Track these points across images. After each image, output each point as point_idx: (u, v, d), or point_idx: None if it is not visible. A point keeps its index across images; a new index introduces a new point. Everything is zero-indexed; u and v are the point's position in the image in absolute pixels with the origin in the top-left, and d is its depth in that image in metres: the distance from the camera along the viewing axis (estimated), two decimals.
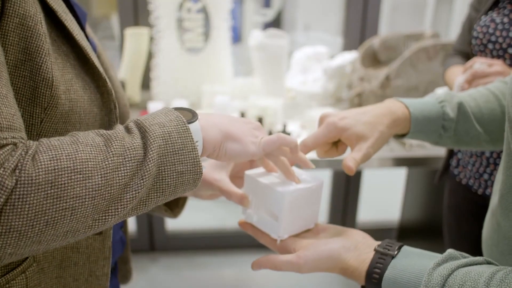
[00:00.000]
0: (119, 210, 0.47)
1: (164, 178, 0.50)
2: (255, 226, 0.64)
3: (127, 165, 0.47)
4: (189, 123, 0.53)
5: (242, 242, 2.34)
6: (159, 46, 1.82)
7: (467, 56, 1.24)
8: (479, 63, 1.02)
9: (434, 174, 1.49)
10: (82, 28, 0.63)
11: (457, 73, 1.23)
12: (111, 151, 0.46)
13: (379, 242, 0.56)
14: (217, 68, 1.90)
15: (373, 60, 1.86)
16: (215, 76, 1.90)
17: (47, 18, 0.54)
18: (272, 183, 0.61)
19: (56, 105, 0.52)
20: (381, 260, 0.53)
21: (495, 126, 0.70)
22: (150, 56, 1.92)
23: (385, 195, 2.98)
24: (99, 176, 0.44)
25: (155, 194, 0.50)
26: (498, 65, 1.00)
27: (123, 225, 0.81)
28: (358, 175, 2.30)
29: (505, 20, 1.06)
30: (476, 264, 0.49)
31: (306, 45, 2.03)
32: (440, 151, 1.52)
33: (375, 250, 0.54)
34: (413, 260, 0.51)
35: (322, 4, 4.90)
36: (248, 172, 0.64)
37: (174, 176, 0.51)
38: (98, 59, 0.65)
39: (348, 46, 2.08)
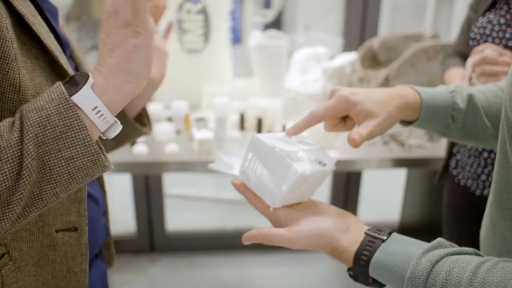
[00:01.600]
0: (7, 214, 0.45)
1: (51, 168, 0.46)
2: (249, 188, 0.64)
3: (4, 167, 0.44)
4: (75, 92, 0.47)
5: (242, 242, 2.34)
6: None
7: (466, 57, 1.24)
8: (491, 49, 1.02)
9: (433, 175, 1.50)
10: (52, 26, 0.63)
11: (456, 74, 1.23)
12: None
13: (370, 227, 0.57)
14: (216, 69, 1.90)
15: (372, 60, 1.87)
16: (214, 77, 1.90)
17: (16, 21, 0.54)
18: (286, 155, 0.61)
19: None
20: (370, 243, 0.53)
21: None
22: None
23: (385, 196, 2.98)
24: None
25: (49, 186, 0.47)
26: (508, 56, 1.00)
27: (105, 211, 0.81)
28: (358, 175, 2.30)
29: (502, 21, 1.06)
30: (464, 254, 0.50)
31: (306, 46, 2.03)
32: (439, 152, 1.52)
33: (365, 233, 0.55)
34: (402, 245, 0.52)
35: (322, 5, 4.90)
36: (258, 136, 0.62)
37: (63, 164, 0.47)
38: (70, 56, 0.67)
39: (348, 46, 2.08)
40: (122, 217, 2.48)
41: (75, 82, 0.49)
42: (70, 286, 0.63)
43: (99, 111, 0.49)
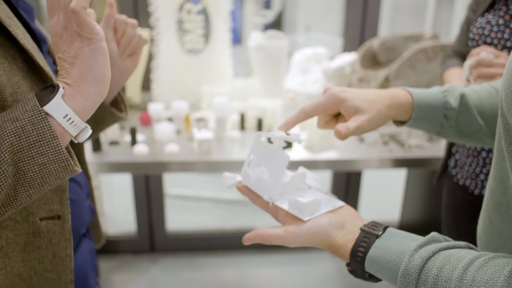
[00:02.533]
0: None
1: (25, 173, 0.51)
2: (250, 189, 0.67)
3: None
4: (47, 103, 0.52)
5: (242, 243, 2.34)
6: (159, 47, 1.82)
7: (465, 57, 1.25)
8: (487, 52, 1.03)
9: (433, 175, 1.50)
10: (27, 24, 0.67)
11: (456, 75, 1.23)
12: None
13: (366, 222, 0.57)
14: (217, 69, 1.90)
15: (372, 61, 1.87)
16: (215, 77, 1.90)
17: None
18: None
19: (2, 108, 0.55)
20: (365, 239, 0.54)
21: (496, 121, 0.71)
22: (150, 57, 1.92)
23: (385, 196, 2.98)
24: None
25: (23, 188, 0.52)
26: (504, 57, 1.01)
27: (90, 193, 0.87)
28: (358, 175, 2.30)
29: (500, 21, 1.06)
30: (458, 248, 0.50)
31: (306, 46, 2.03)
32: (438, 152, 1.53)
33: (361, 229, 0.56)
34: (396, 241, 0.52)
35: (322, 5, 4.90)
36: (258, 133, 0.66)
37: (36, 169, 0.52)
38: (48, 52, 0.72)
39: (348, 47, 2.08)
40: (122, 217, 2.49)
41: (46, 93, 0.53)
42: (56, 270, 0.67)
43: (69, 118, 0.53)
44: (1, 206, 0.51)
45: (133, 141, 1.49)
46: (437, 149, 1.56)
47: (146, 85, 1.99)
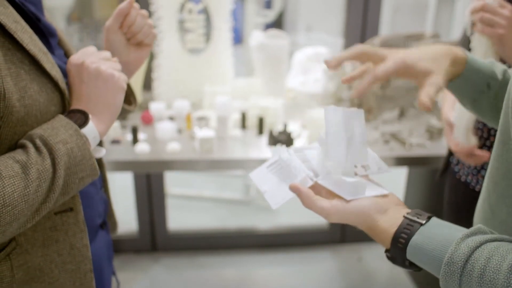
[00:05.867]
0: (36, 218, 0.59)
1: (69, 184, 0.61)
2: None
3: (43, 186, 0.57)
4: (83, 127, 0.64)
5: (243, 242, 2.35)
6: (160, 47, 1.83)
7: None
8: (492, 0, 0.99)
9: (434, 173, 1.50)
10: (35, 18, 0.68)
11: None
12: (30, 178, 0.56)
13: (409, 211, 0.57)
14: (218, 68, 1.91)
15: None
16: (216, 76, 1.91)
17: None
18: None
19: (11, 113, 0.58)
20: (409, 226, 0.53)
21: None
22: (151, 57, 1.93)
23: None
24: (23, 202, 0.55)
25: (61, 197, 0.61)
26: (508, 10, 0.97)
27: (102, 185, 0.90)
28: None
29: None
30: (505, 241, 0.49)
31: (307, 46, 2.04)
32: (440, 151, 1.53)
33: (404, 216, 0.55)
34: (441, 230, 0.51)
35: (323, 6, 4.91)
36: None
37: (77, 182, 0.62)
38: (58, 44, 0.74)
39: (349, 46, 2.08)
40: (124, 216, 2.49)
41: (79, 116, 0.65)
42: (75, 260, 0.71)
43: (94, 137, 0.66)
44: (42, 211, 0.59)
45: (135, 140, 1.49)
46: (438, 147, 1.56)
47: (147, 84, 2.00)
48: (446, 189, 1.32)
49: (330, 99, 1.92)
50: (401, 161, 1.51)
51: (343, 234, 2.41)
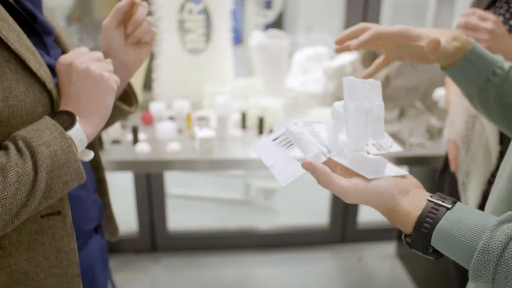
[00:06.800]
0: (15, 222, 0.56)
1: (52, 188, 0.59)
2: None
3: (22, 189, 0.55)
4: (69, 129, 0.61)
5: (243, 242, 2.35)
6: (160, 47, 1.83)
7: None
8: (476, 16, 1.01)
9: (434, 173, 1.50)
10: (33, 16, 0.66)
11: None
12: (8, 181, 0.53)
13: (431, 194, 0.53)
14: (218, 68, 1.91)
15: (373, 60, 1.87)
16: (216, 76, 1.91)
17: None
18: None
19: None
20: (434, 210, 0.49)
21: None
22: (152, 57, 1.93)
23: None
24: (0, 206, 0.53)
25: (45, 200, 0.59)
26: (490, 22, 0.98)
27: (96, 189, 0.88)
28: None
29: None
30: None
31: (307, 46, 2.04)
32: (439, 151, 1.53)
33: (428, 200, 0.51)
34: (469, 215, 0.48)
35: (323, 5, 4.91)
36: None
37: (61, 186, 0.60)
38: (55, 42, 0.72)
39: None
40: (124, 216, 2.49)
41: (66, 118, 0.63)
42: (62, 265, 0.69)
43: (81, 140, 0.63)
44: (22, 215, 0.57)
45: (135, 140, 1.49)
46: (438, 147, 1.57)
47: (147, 84, 2.00)
48: (445, 189, 1.32)
49: (330, 99, 1.92)
50: (401, 161, 1.52)
51: (343, 234, 2.41)
